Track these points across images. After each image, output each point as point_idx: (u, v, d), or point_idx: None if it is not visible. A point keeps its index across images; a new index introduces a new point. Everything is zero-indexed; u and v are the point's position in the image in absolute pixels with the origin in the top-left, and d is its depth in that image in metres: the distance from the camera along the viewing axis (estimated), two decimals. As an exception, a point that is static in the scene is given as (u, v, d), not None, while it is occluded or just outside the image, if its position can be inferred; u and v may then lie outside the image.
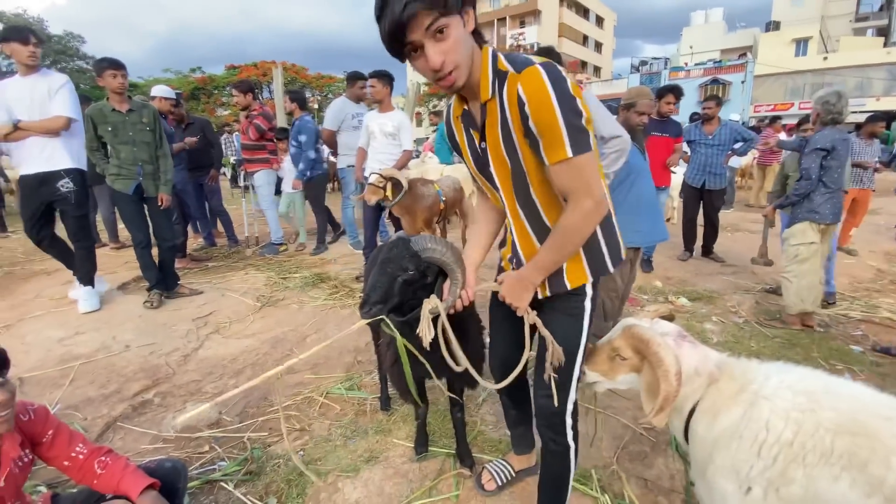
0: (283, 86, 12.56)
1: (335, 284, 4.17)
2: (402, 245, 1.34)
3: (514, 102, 1.06)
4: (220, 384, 2.63)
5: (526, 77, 1.03)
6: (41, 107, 3.21)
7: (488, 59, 1.10)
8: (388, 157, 4.20)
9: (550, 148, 1.06)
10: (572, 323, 1.32)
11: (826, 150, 3.23)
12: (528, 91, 1.03)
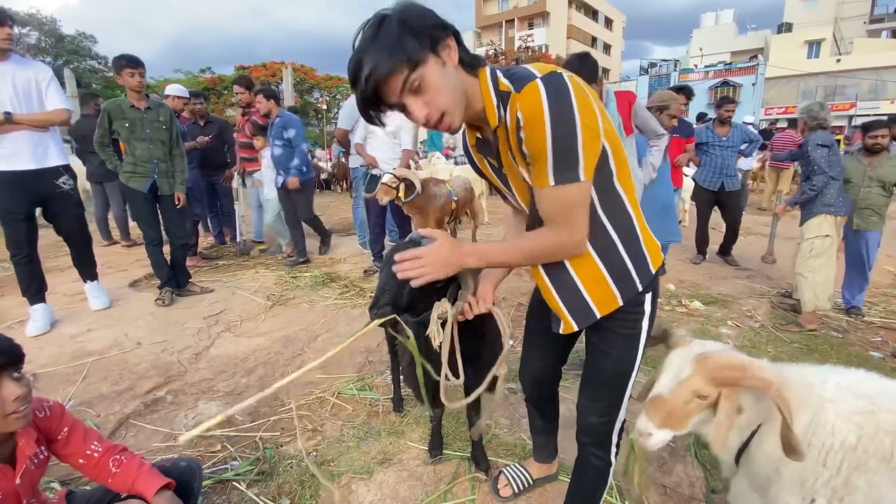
0: (293, 86, 12.65)
1: (345, 284, 4.16)
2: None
3: (514, 124, 0.98)
4: (232, 382, 2.62)
5: (525, 97, 0.94)
6: (27, 97, 2.93)
7: (488, 84, 1.02)
8: (389, 156, 4.18)
9: (536, 173, 1.00)
10: (627, 344, 1.20)
11: (827, 145, 3.45)
12: (524, 111, 0.94)
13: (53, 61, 27.36)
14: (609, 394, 1.27)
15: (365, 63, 0.91)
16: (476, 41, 35.81)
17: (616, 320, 1.18)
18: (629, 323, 1.19)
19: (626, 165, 1.10)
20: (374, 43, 0.90)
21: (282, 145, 4.49)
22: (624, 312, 1.17)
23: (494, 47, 21.43)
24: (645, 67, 32.59)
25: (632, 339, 1.20)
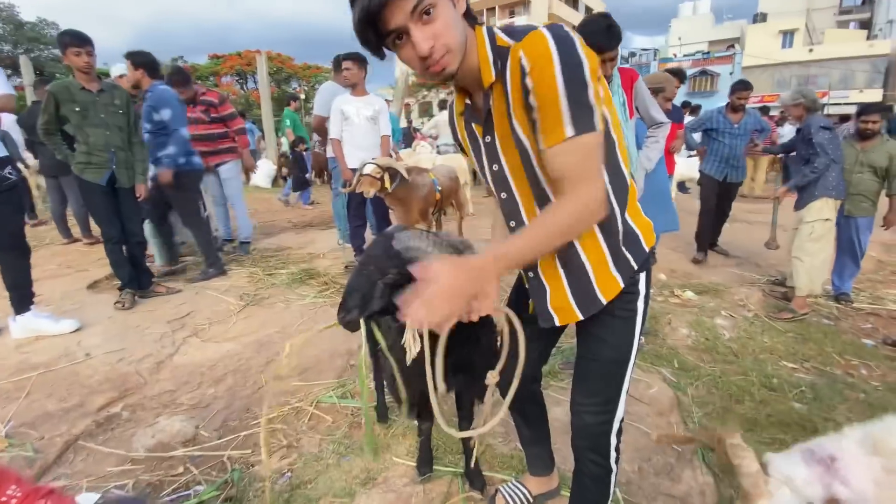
0: (269, 75, 12.17)
1: (325, 281, 3.91)
2: (384, 243, 1.19)
3: (517, 74, 0.90)
4: (198, 394, 2.38)
5: (528, 41, 0.87)
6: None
7: (485, 39, 0.95)
8: (371, 143, 3.96)
9: (548, 127, 0.89)
10: (624, 327, 1.11)
11: (829, 128, 3.40)
12: (530, 56, 0.86)
13: (13, 49, 25.92)
14: (606, 387, 1.15)
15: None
16: (456, 30, 35.24)
17: (612, 303, 1.08)
18: (626, 304, 1.10)
19: (622, 137, 1.03)
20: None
21: (153, 129, 3.62)
22: (620, 293, 1.08)
23: (475, 36, 21.09)
24: (625, 56, 32.68)
25: (628, 322, 1.11)
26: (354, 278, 1.21)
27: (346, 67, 3.88)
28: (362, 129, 3.94)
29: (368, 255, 1.23)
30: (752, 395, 2.45)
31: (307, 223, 6.67)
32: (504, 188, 1.07)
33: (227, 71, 28.65)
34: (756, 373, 2.65)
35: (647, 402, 2.33)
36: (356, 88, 3.95)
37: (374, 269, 1.18)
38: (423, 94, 21.52)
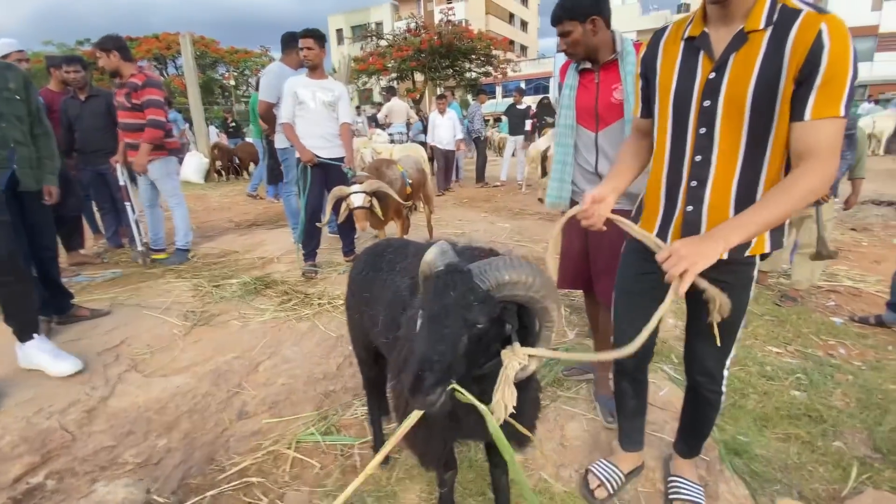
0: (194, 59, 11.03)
1: (284, 290, 3.46)
2: (463, 282, 0.87)
3: (808, 42, 0.98)
4: (145, 448, 1.94)
5: (833, 21, 0.98)
6: None
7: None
8: (327, 131, 3.59)
9: (825, 101, 0.99)
10: (744, 293, 1.29)
11: None
12: (834, 35, 0.96)
13: None
14: (726, 340, 1.32)
15: None
16: (394, 14, 34.33)
17: (738, 273, 1.26)
18: (748, 272, 1.28)
19: None
20: None
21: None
22: (746, 265, 1.26)
23: (415, 20, 20.46)
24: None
25: (747, 289, 1.30)
26: (426, 340, 0.87)
27: (305, 47, 3.44)
28: (319, 115, 3.53)
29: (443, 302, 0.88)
30: (754, 386, 2.40)
31: (251, 222, 6.07)
32: (707, 124, 1.14)
33: (143, 55, 26.01)
34: (751, 361, 2.62)
35: (661, 405, 2.19)
36: (315, 70, 3.54)
37: (459, 322, 0.87)
38: (364, 80, 20.62)
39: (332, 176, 3.64)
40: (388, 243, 1.59)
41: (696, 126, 1.15)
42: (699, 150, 1.16)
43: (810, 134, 1.01)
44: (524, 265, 0.91)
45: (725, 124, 1.11)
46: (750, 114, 1.07)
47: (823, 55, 0.96)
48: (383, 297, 1.38)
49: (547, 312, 0.95)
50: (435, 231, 5.39)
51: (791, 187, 1.02)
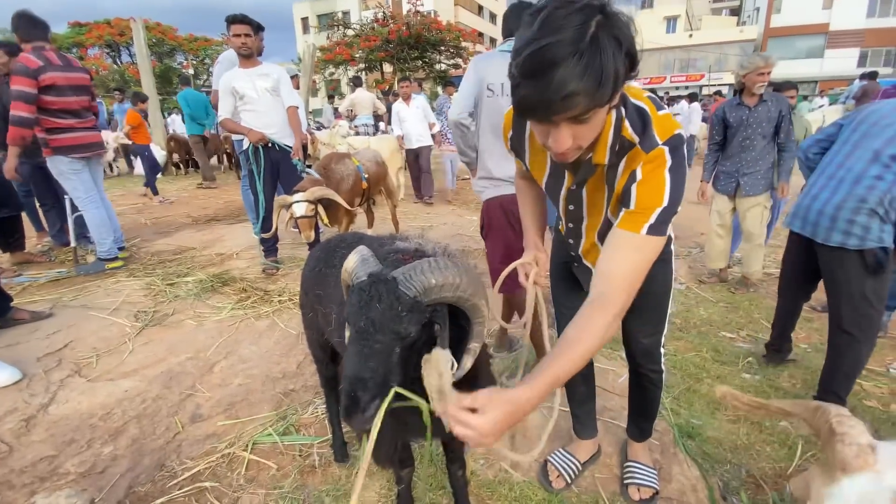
0: (148, 48, 10.50)
1: (243, 287, 3.35)
2: (388, 292, 0.82)
3: (628, 175, 1.02)
4: (89, 456, 1.84)
5: (652, 161, 0.99)
6: None
7: (611, 124, 1.00)
8: (278, 118, 3.44)
9: (630, 217, 1.00)
10: (664, 266, 1.37)
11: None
12: (646, 174, 0.99)
13: None
14: (656, 314, 1.44)
15: (566, 82, 0.77)
16: (362, 3, 33.64)
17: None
18: (665, 248, 1.30)
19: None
20: (583, 61, 0.77)
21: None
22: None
23: (383, 10, 20.11)
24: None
25: (666, 262, 1.38)
26: (359, 357, 0.83)
27: (241, 34, 3.26)
28: (264, 104, 3.38)
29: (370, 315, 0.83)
30: (708, 371, 2.48)
31: (210, 217, 5.85)
32: (574, 221, 1.25)
33: (93, 41, 24.61)
34: (706, 347, 2.71)
35: (619, 392, 2.24)
36: (249, 59, 3.37)
37: (389, 335, 0.83)
38: (331, 71, 20.15)
39: (284, 169, 3.50)
40: (342, 238, 1.54)
41: (565, 217, 1.28)
42: (571, 236, 1.31)
43: (611, 241, 1.02)
44: (450, 266, 0.87)
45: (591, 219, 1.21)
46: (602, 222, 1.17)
47: (633, 189, 0.99)
48: (336, 294, 1.34)
49: (477, 309, 0.92)
50: (402, 225, 5.34)
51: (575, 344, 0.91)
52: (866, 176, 1.83)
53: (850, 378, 2.01)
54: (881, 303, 1.91)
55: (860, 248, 1.84)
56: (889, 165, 1.78)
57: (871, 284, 1.87)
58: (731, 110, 3.28)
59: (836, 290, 1.97)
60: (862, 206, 1.82)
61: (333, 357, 1.57)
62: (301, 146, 3.47)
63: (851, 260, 1.87)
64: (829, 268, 1.98)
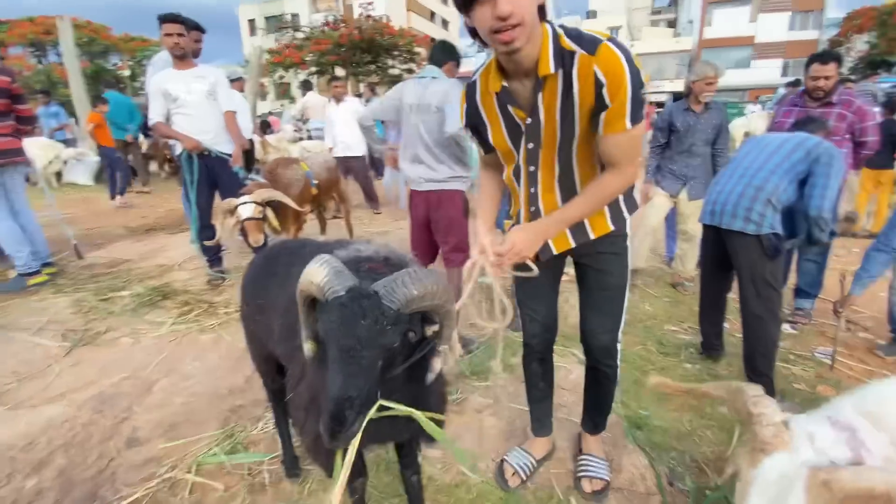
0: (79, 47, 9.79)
1: (185, 300, 3.17)
2: (373, 308, 0.83)
3: (590, 82, 1.10)
4: (10, 492, 1.66)
5: (603, 58, 1.08)
6: None
7: (548, 35, 1.11)
8: (215, 124, 3.29)
9: (612, 120, 1.13)
10: (621, 261, 1.45)
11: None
12: (607, 72, 1.08)
13: None
14: (613, 309, 1.50)
15: None
16: (312, 6, 33.02)
17: (609, 243, 1.42)
18: (617, 242, 1.43)
19: None
20: None
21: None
22: (614, 236, 1.41)
23: (334, 14, 19.82)
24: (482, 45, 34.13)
25: (622, 257, 1.46)
26: (342, 376, 0.82)
27: (173, 33, 3.09)
28: (200, 108, 3.22)
29: (356, 333, 0.82)
30: (653, 363, 2.59)
31: (150, 226, 5.52)
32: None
33: (16, 40, 22.70)
34: (651, 341, 2.83)
35: (569, 388, 2.30)
36: (182, 60, 3.21)
37: (374, 350, 0.83)
38: (280, 74, 19.61)
39: (222, 178, 3.34)
40: (284, 245, 1.49)
41: (525, 165, 1.33)
42: (531, 184, 1.36)
43: (607, 146, 1.19)
44: (427, 275, 0.89)
45: (546, 153, 1.28)
46: (559, 140, 1.24)
47: (604, 92, 1.09)
48: (279, 303, 1.29)
49: (450, 315, 0.95)
50: (358, 229, 5.25)
51: (596, 190, 1.25)
52: (763, 170, 2.19)
53: (767, 357, 2.20)
54: (779, 285, 2.20)
55: (757, 233, 2.11)
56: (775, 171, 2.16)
57: (770, 267, 2.15)
58: (679, 115, 3.42)
59: (743, 275, 2.22)
60: (759, 195, 2.12)
61: (279, 369, 1.51)
62: (241, 153, 3.30)
63: (752, 245, 2.14)
64: (736, 254, 2.23)
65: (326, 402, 0.81)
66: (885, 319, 2.87)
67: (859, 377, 2.53)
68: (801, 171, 2.15)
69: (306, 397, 1.14)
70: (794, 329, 3.09)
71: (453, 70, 2.79)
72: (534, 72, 1.14)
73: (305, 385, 1.15)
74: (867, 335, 3.03)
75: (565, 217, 1.27)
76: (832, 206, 2.12)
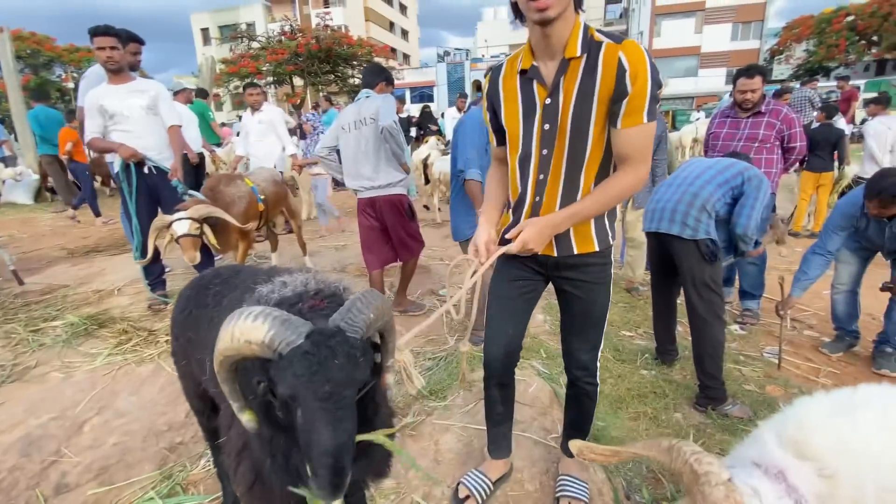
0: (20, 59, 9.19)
1: (123, 328, 2.94)
2: (341, 346, 0.79)
3: (613, 66, 1.19)
4: None
5: (629, 47, 1.18)
6: None
7: (580, 24, 1.22)
8: (158, 140, 3.14)
9: (631, 112, 1.20)
10: (604, 290, 1.48)
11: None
12: (631, 59, 1.17)
13: None
14: (595, 332, 1.53)
15: None
16: (267, 15, 32.41)
17: (592, 272, 1.44)
18: (603, 272, 1.46)
19: None
20: None
21: None
22: (597, 265, 1.44)
23: (290, 23, 19.48)
24: (441, 55, 34.42)
25: (605, 286, 1.48)
26: (331, 427, 0.77)
27: (106, 46, 2.92)
28: (141, 124, 3.06)
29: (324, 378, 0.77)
30: (610, 371, 2.61)
31: (90, 248, 5.18)
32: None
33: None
34: (608, 347, 2.85)
35: (528, 402, 2.27)
36: (119, 74, 3.04)
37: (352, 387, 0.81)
38: (236, 84, 19.05)
39: (164, 194, 3.17)
40: (217, 273, 1.39)
41: (538, 148, 1.33)
42: (542, 170, 1.35)
43: (623, 140, 1.24)
44: (375, 296, 0.87)
45: (559, 138, 1.29)
46: (571, 126, 1.26)
47: (627, 77, 1.17)
48: (211, 337, 1.19)
49: (393, 329, 0.96)
50: (316, 244, 5.11)
51: (608, 187, 1.29)
52: (700, 179, 2.33)
53: (714, 358, 2.26)
54: (720, 288, 2.29)
55: (694, 238, 2.22)
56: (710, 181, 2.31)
57: (709, 271, 2.24)
58: None
59: (685, 280, 2.31)
60: (695, 201, 2.25)
61: (214, 408, 1.40)
62: (179, 166, 3.13)
63: (690, 249, 2.25)
64: (677, 259, 2.32)
65: (319, 458, 0.76)
66: (829, 317, 3.01)
67: (806, 375, 2.64)
68: (735, 185, 2.31)
69: (238, 444, 1.05)
70: (744, 330, 3.19)
71: (384, 88, 3.06)
72: (561, 54, 1.23)
73: (236, 431, 1.06)
74: (812, 333, 3.17)
75: (578, 212, 1.29)
76: (756, 224, 2.32)
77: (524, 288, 1.52)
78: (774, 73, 29.12)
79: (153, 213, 3.16)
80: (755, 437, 0.97)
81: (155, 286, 3.29)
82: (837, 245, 2.65)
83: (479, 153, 2.57)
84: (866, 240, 2.62)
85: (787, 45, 27.76)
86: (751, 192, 2.29)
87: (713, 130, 3.38)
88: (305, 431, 0.78)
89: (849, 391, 0.92)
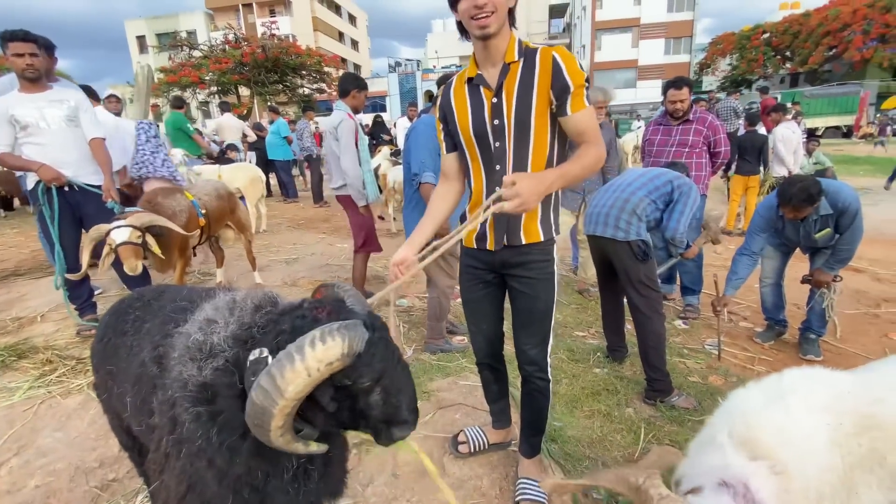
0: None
1: (47, 358, 2.68)
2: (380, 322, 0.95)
3: (549, 64, 1.39)
4: None
5: (560, 50, 1.41)
6: None
7: (515, 38, 1.44)
8: (79, 154, 2.89)
9: (576, 100, 1.39)
10: (548, 285, 1.58)
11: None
12: (565, 59, 1.39)
13: None
14: (542, 328, 1.62)
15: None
16: (210, 23, 31.29)
17: (535, 268, 1.55)
18: (545, 268, 1.57)
19: None
20: None
21: None
22: (539, 261, 1.55)
23: (234, 31, 18.85)
24: (392, 65, 34.50)
25: (549, 282, 1.58)
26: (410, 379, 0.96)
27: (18, 53, 2.67)
28: (60, 137, 2.80)
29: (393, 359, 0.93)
30: (564, 371, 2.66)
31: (10, 271, 4.72)
32: (499, 139, 1.47)
33: None
34: (562, 348, 2.91)
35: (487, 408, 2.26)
36: (35, 83, 2.79)
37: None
38: (176, 92, 18.13)
39: (88, 213, 2.91)
40: (139, 295, 1.28)
41: (492, 141, 1.48)
42: (498, 160, 1.49)
43: (577, 122, 1.41)
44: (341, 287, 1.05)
45: (509, 133, 1.46)
46: (518, 118, 1.43)
47: (565, 73, 1.37)
48: (130, 370, 1.09)
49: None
50: (266, 258, 4.92)
51: (582, 154, 1.41)
52: (631, 186, 2.50)
53: (657, 350, 2.38)
54: (656, 284, 2.42)
55: (626, 239, 2.36)
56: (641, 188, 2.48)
57: (644, 269, 2.38)
58: None
59: (623, 279, 2.45)
60: (626, 206, 2.41)
61: (141, 448, 1.26)
62: (111, 185, 2.90)
63: (624, 250, 2.38)
64: (615, 259, 2.46)
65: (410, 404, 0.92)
66: (760, 309, 3.24)
67: (743, 364, 2.80)
68: (665, 192, 2.50)
69: (181, 489, 0.94)
70: (686, 324, 3.37)
71: (358, 95, 3.27)
72: (501, 61, 1.42)
73: (175, 476, 0.94)
74: (747, 324, 3.39)
75: (565, 172, 1.38)
76: (685, 228, 2.52)
77: (485, 289, 1.68)
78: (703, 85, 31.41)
79: (77, 234, 2.91)
80: (711, 439, 0.99)
81: (84, 310, 3.02)
82: (761, 245, 2.87)
83: (432, 156, 2.61)
84: (785, 238, 2.85)
85: (713, 59, 30.16)
86: (680, 198, 2.48)
87: (648, 137, 3.62)
88: (391, 395, 0.90)
89: (776, 377, 0.97)
